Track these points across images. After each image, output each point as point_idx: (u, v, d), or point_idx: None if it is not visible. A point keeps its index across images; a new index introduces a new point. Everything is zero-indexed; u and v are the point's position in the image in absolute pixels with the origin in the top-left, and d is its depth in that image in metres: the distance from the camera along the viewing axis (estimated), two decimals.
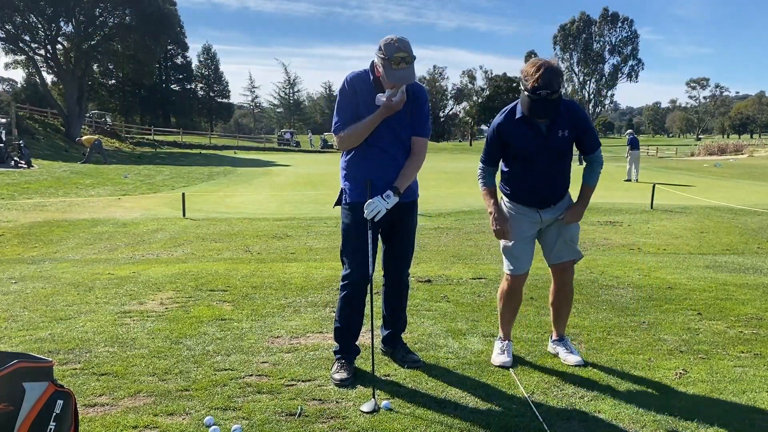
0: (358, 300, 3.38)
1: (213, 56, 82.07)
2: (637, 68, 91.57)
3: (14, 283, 5.78)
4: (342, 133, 3.20)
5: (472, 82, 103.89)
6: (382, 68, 3.07)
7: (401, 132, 3.27)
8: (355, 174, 3.31)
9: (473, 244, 8.28)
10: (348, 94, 3.19)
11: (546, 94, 3.06)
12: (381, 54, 3.06)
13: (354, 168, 3.31)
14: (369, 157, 3.26)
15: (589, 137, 3.38)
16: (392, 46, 3.03)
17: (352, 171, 3.32)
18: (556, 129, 3.29)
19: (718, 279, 5.85)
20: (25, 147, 23.62)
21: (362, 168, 3.28)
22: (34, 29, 36.76)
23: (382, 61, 3.04)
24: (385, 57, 3.02)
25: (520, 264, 3.55)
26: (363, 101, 3.18)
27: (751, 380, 3.30)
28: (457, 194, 15.25)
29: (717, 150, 49.58)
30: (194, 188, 18.33)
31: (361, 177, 3.28)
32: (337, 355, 3.43)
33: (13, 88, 64.78)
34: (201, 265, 6.65)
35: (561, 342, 3.66)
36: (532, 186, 3.42)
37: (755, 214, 11.43)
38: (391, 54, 3.01)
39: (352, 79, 3.21)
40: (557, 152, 3.34)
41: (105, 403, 2.99)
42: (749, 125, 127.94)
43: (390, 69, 3.03)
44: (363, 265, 3.29)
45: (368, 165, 3.26)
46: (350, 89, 3.19)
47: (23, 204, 13.21)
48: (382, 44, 3.08)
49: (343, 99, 3.22)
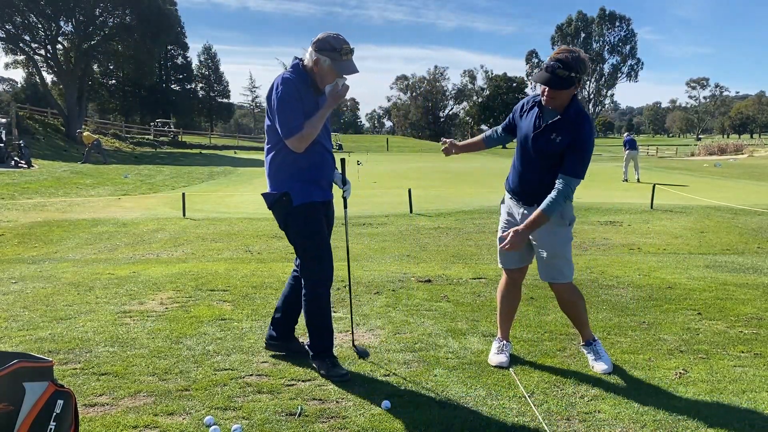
0: (328, 299, 3.46)
1: (213, 56, 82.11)
2: (637, 68, 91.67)
3: (14, 283, 5.78)
4: (303, 131, 3.17)
5: (473, 82, 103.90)
6: (328, 62, 3.19)
7: (330, 129, 3.49)
8: (304, 174, 3.30)
9: (473, 244, 8.28)
10: (295, 95, 3.20)
11: (557, 66, 3.08)
12: (327, 48, 3.19)
13: (302, 168, 3.29)
14: (316, 155, 3.30)
15: (573, 155, 3.16)
16: (339, 39, 3.21)
17: (300, 172, 3.29)
18: (553, 131, 3.21)
19: (718, 279, 5.85)
20: (25, 147, 23.62)
21: (311, 167, 3.31)
22: (34, 29, 36.76)
23: (330, 54, 3.18)
24: (336, 50, 3.19)
25: (504, 258, 3.57)
26: (305, 101, 3.23)
27: (751, 380, 3.30)
28: (457, 194, 15.25)
29: (717, 150, 49.57)
30: (194, 188, 18.33)
31: (312, 176, 3.31)
32: (328, 353, 3.43)
33: (13, 88, 64.83)
34: (201, 265, 6.65)
35: (588, 346, 3.55)
36: (518, 177, 3.42)
37: (755, 214, 11.43)
38: (340, 46, 3.19)
39: (293, 81, 3.22)
40: (542, 152, 3.25)
41: (105, 403, 2.99)
42: (749, 125, 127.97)
43: (340, 61, 3.20)
44: (331, 262, 3.40)
45: (315, 163, 3.32)
46: (295, 90, 3.21)
47: (23, 204, 13.21)
48: (327, 39, 3.20)
49: (291, 99, 3.19)
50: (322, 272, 3.37)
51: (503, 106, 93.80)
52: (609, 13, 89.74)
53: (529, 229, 3.21)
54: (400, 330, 4.16)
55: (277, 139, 3.27)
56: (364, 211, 11.88)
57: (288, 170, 3.29)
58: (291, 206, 3.29)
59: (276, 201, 3.32)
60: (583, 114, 3.24)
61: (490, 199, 13.38)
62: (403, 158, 38.55)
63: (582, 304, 3.55)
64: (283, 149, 3.26)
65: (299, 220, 3.32)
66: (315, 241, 3.36)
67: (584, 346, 3.58)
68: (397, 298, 5.01)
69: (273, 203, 3.35)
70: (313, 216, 3.33)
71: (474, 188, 16.83)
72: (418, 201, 12.35)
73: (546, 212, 3.17)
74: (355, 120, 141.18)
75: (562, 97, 3.18)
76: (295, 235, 3.38)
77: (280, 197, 3.30)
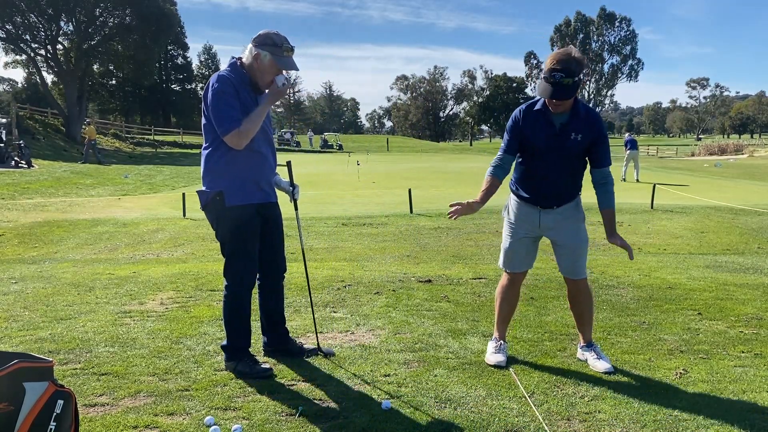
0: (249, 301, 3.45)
1: (213, 56, 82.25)
2: (637, 68, 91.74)
3: (14, 283, 5.78)
4: (241, 127, 3.14)
5: (472, 82, 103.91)
6: (268, 57, 3.21)
7: (269, 131, 3.46)
8: (239, 174, 3.26)
9: (473, 244, 8.28)
10: (231, 91, 3.17)
11: (560, 77, 3.08)
12: (269, 43, 3.22)
13: (238, 168, 3.25)
14: (254, 155, 3.29)
15: (603, 148, 3.34)
16: (280, 36, 3.26)
17: (236, 172, 3.25)
18: (570, 130, 3.27)
19: (719, 279, 5.85)
20: (25, 147, 23.60)
21: (247, 167, 3.27)
22: (35, 29, 36.73)
23: (271, 49, 3.22)
24: (277, 46, 3.23)
25: (511, 263, 3.59)
26: (242, 98, 3.22)
27: (751, 380, 3.30)
28: (457, 194, 15.24)
29: (717, 150, 49.60)
30: (194, 188, 18.32)
31: (246, 177, 3.28)
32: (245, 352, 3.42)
33: (13, 88, 64.83)
34: (201, 265, 6.65)
35: (589, 348, 3.57)
36: (538, 183, 3.41)
37: (755, 214, 11.43)
38: (281, 42, 3.24)
39: (229, 78, 3.20)
40: (567, 153, 3.31)
41: (105, 403, 2.99)
42: (749, 125, 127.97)
43: (281, 56, 3.24)
44: (255, 266, 3.42)
45: (252, 164, 3.29)
46: (232, 87, 3.18)
47: (23, 204, 13.22)
48: (269, 35, 3.24)
49: (228, 96, 3.16)
50: (246, 276, 3.39)
51: (503, 106, 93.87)
52: (609, 13, 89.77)
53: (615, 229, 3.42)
54: (400, 330, 4.16)
55: (213, 137, 3.23)
56: (364, 211, 11.88)
57: (223, 169, 3.25)
58: (223, 206, 3.25)
59: (209, 200, 3.28)
60: (589, 108, 3.35)
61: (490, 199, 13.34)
62: (404, 158, 38.54)
63: (593, 301, 3.68)
64: (220, 147, 3.22)
65: (229, 221, 3.28)
66: (241, 245, 3.33)
67: (584, 347, 3.60)
68: (397, 298, 5.01)
69: (206, 202, 3.30)
70: (245, 218, 3.29)
71: (474, 188, 16.75)
72: (418, 201, 12.36)
73: (613, 206, 3.41)
74: (355, 120, 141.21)
75: (570, 102, 3.25)
76: (223, 235, 3.35)
77: (213, 196, 3.26)
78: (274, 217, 3.50)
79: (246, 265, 3.38)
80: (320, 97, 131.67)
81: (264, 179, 3.39)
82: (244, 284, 3.41)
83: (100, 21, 38.30)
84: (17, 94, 54.69)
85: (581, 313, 3.62)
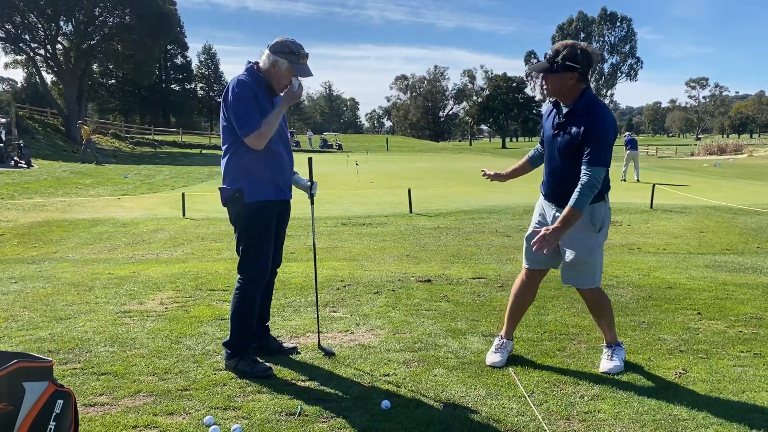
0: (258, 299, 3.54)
1: (213, 56, 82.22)
2: (636, 67, 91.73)
3: (14, 282, 5.78)
4: (261, 128, 3.29)
5: (472, 81, 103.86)
6: (286, 64, 3.36)
7: (285, 132, 3.58)
8: (258, 173, 3.39)
9: (473, 244, 8.28)
10: (251, 95, 3.32)
11: (546, 54, 3.24)
12: (286, 51, 3.37)
13: (257, 167, 3.38)
14: (267, 157, 3.40)
15: (592, 146, 3.07)
16: (296, 44, 3.41)
17: (254, 171, 3.39)
18: (570, 124, 3.20)
19: (718, 279, 5.85)
20: (25, 147, 23.61)
21: (265, 167, 3.40)
22: (34, 29, 36.74)
23: (288, 57, 3.36)
24: (294, 53, 3.39)
25: (527, 256, 3.55)
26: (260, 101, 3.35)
27: (751, 380, 3.30)
28: (457, 194, 15.24)
29: (717, 150, 49.62)
30: (194, 188, 18.32)
31: (265, 176, 3.40)
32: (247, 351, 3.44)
33: (13, 87, 64.82)
34: (201, 265, 6.65)
35: (607, 347, 3.54)
36: (546, 177, 3.45)
37: (755, 213, 11.43)
38: (298, 51, 3.40)
39: (248, 83, 3.35)
40: (563, 148, 3.23)
41: (105, 403, 2.99)
42: (749, 125, 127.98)
43: (298, 64, 3.40)
44: (269, 264, 3.52)
45: (270, 163, 3.42)
46: (251, 90, 3.33)
47: (23, 204, 13.22)
48: (286, 43, 3.38)
49: (248, 99, 3.31)
50: (258, 272, 3.47)
51: (503, 106, 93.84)
52: (610, 13, 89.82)
53: (561, 227, 3.09)
54: (400, 330, 4.16)
55: (233, 139, 3.37)
56: (363, 211, 11.88)
57: (243, 168, 3.39)
58: (243, 202, 3.38)
59: (230, 196, 3.41)
60: (595, 104, 3.19)
61: (489, 199, 13.38)
62: (403, 158, 38.54)
63: (608, 308, 3.53)
64: (240, 148, 3.37)
65: (248, 217, 3.40)
66: (258, 241, 3.44)
67: (606, 346, 3.56)
68: (397, 298, 5.01)
69: (227, 198, 3.44)
70: (263, 215, 3.42)
71: (474, 188, 16.81)
72: (417, 201, 12.35)
73: (575, 207, 3.07)
74: (354, 120, 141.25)
75: (556, 83, 3.20)
76: (241, 231, 3.46)
77: (233, 193, 3.39)
78: (286, 214, 3.64)
79: (260, 262, 3.46)
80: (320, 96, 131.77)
81: (282, 178, 3.50)
82: (255, 281, 3.47)
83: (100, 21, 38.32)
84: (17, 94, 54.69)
85: (596, 320, 3.61)
